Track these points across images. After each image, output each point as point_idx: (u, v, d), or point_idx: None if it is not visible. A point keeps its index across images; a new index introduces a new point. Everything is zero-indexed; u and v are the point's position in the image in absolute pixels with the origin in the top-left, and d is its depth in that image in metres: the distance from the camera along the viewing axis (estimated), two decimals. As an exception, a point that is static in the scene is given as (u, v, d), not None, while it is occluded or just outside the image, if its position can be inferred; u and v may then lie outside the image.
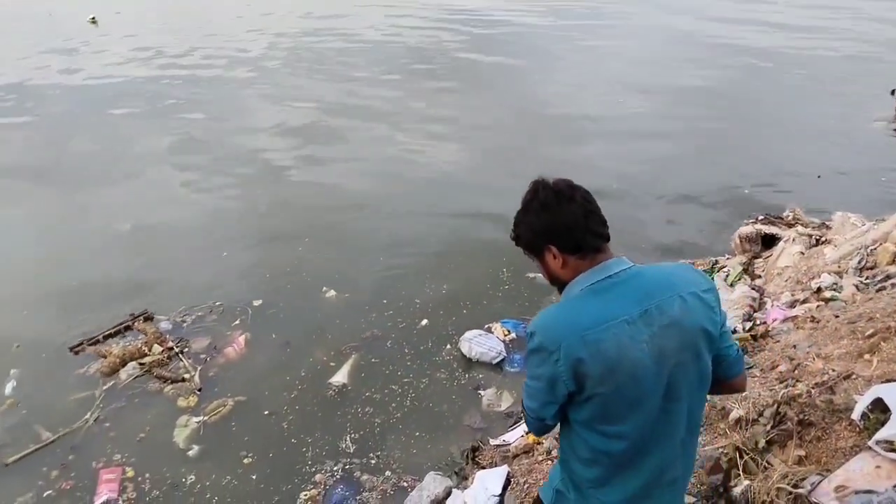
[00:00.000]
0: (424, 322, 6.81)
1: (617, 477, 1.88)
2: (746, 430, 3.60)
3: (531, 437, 4.65)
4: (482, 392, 5.85)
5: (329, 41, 20.40)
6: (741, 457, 3.43)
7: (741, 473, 3.37)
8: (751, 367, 4.40)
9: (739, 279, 6.28)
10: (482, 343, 6.28)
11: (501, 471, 4.01)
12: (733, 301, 5.80)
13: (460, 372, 6.13)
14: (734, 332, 5.24)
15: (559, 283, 1.94)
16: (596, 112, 13.51)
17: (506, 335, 6.55)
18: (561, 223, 1.86)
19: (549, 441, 4.30)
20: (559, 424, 1.96)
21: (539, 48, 19.71)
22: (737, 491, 3.28)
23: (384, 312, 6.97)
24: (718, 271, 6.71)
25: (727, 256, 7.19)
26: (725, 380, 1.95)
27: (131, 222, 8.96)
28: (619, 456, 1.84)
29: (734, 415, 3.77)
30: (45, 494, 4.89)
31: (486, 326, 6.61)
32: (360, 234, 8.65)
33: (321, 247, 8.29)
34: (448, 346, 6.44)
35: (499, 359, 6.21)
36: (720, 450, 3.55)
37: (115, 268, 7.85)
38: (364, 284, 7.47)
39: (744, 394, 3.90)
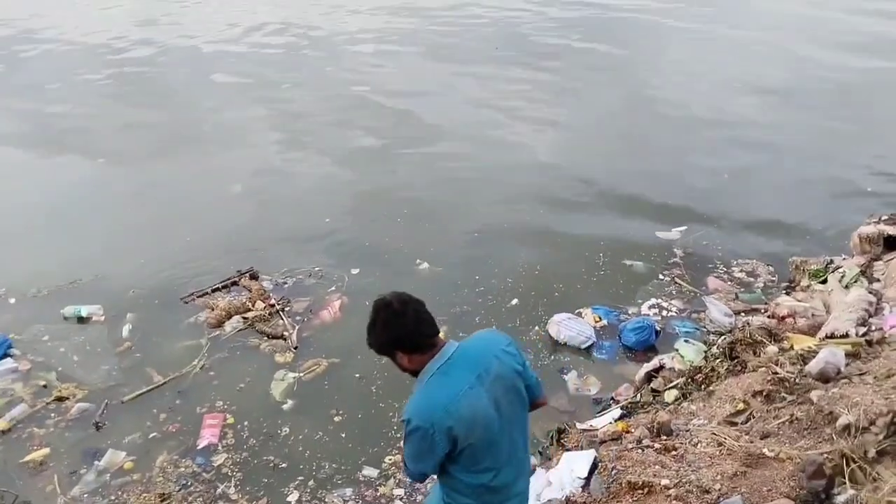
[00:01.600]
0: (514, 301, 6.81)
1: (490, 497, 2.49)
2: (855, 437, 3.41)
3: (621, 425, 4.59)
4: (566, 375, 5.81)
5: (427, 24, 20.35)
6: (848, 465, 3.26)
7: (846, 482, 3.21)
8: (863, 374, 4.16)
9: (856, 281, 5.90)
10: (572, 327, 6.21)
11: (589, 454, 3.98)
12: (847, 304, 5.47)
13: (545, 353, 6.11)
14: (846, 335, 4.97)
15: (411, 373, 2.50)
16: (706, 103, 12.93)
17: (597, 321, 6.45)
18: (401, 334, 2.40)
19: (639, 430, 4.23)
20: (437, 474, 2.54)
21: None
22: (840, 499, 3.13)
23: (475, 289, 7.01)
24: (832, 272, 6.33)
25: (844, 257, 6.77)
26: (535, 400, 2.64)
27: (242, 185, 9.37)
28: (489, 483, 2.45)
29: (842, 421, 3.58)
30: (150, 436, 5.24)
31: (577, 311, 6.53)
32: (458, 210, 8.71)
33: (419, 221, 8.41)
34: (536, 328, 6.41)
35: (587, 344, 6.13)
36: (824, 455, 3.38)
37: (225, 227, 8.27)
38: (458, 260, 7.54)
39: (854, 400, 3.70)
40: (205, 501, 4.64)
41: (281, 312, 6.51)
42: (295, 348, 6.10)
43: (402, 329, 2.39)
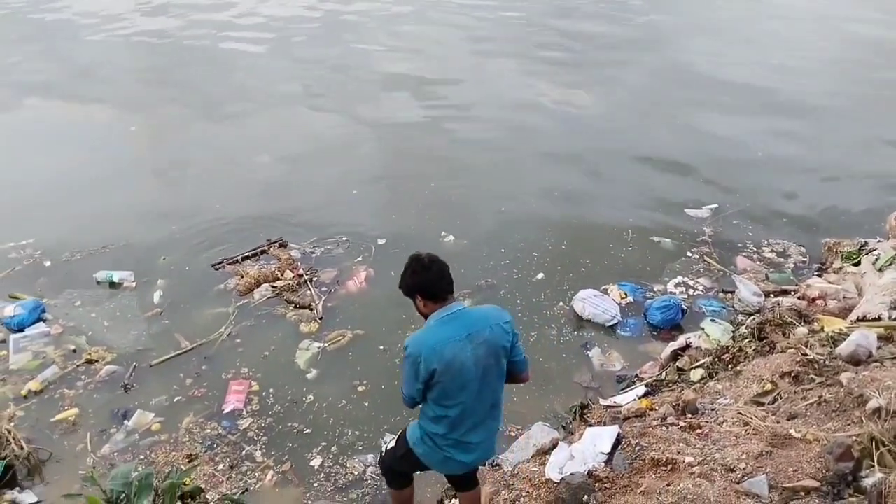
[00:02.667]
0: (540, 276, 6.78)
1: (452, 429, 3.09)
2: (885, 421, 3.36)
3: (644, 402, 4.57)
4: (590, 352, 5.79)
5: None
6: (877, 448, 3.20)
7: (875, 465, 3.16)
8: (895, 358, 4.08)
9: (890, 265, 5.77)
10: (597, 304, 6.18)
11: (612, 430, 3.96)
12: (881, 286, 5.35)
13: (569, 329, 6.09)
14: (879, 319, 4.88)
15: (424, 316, 3.10)
16: (742, 76, 12.65)
17: (622, 298, 6.40)
18: (424, 282, 3.01)
19: (664, 408, 4.21)
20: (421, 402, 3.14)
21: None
22: (868, 482, 3.08)
23: (500, 262, 6.99)
24: (866, 254, 6.20)
25: (878, 239, 6.63)
26: (517, 374, 3.23)
27: (270, 155, 9.41)
28: (453, 418, 3.05)
29: (873, 404, 3.52)
30: (175, 399, 5.33)
31: (603, 288, 6.49)
32: (485, 182, 8.67)
33: (447, 193, 8.39)
34: (560, 303, 6.39)
35: (612, 322, 6.10)
36: (853, 438, 3.33)
37: (255, 196, 8.31)
38: (483, 232, 7.52)
39: (886, 383, 3.64)
40: (231, 462, 4.73)
41: (309, 283, 6.56)
42: (320, 318, 6.14)
43: (425, 279, 3.00)
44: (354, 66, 13.50)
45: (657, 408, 4.38)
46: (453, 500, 4.13)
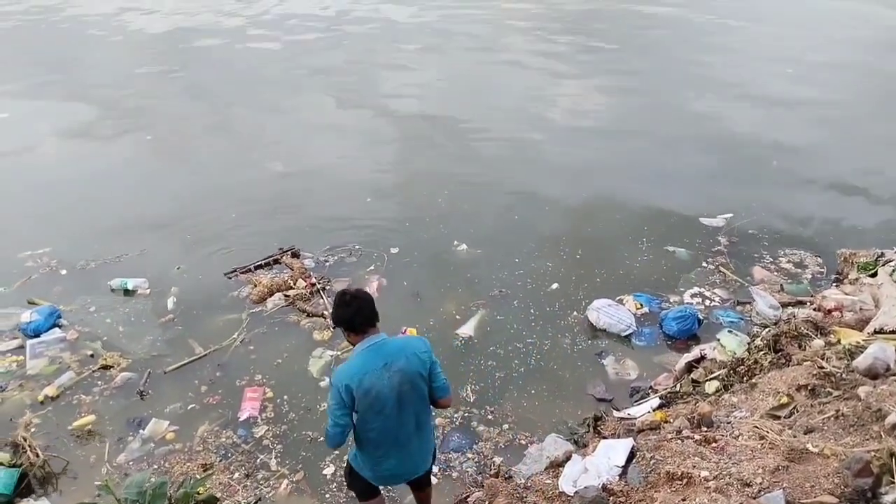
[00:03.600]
0: (555, 286, 6.76)
1: (376, 448, 3.39)
2: (905, 436, 3.31)
3: (659, 414, 4.54)
4: (604, 361, 5.77)
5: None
6: (896, 464, 3.16)
7: (894, 481, 3.12)
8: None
9: (908, 276, 5.70)
10: (611, 314, 6.15)
11: (627, 443, 3.94)
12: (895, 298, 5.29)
13: (583, 338, 6.07)
14: (894, 332, 4.82)
15: (351, 344, 3.34)
16: (760, 82, 12.58)
17: (637, 308, 6.37)
18: (344, 316, 3.26)
19: (679, 420, 4.18)
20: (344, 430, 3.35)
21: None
22: (888, 499, 3.04)
23: (514, 272, 6.99)
24: (883, 265, 6.13)
25: (895, 250, 6.55)
26: (438, 399, 3.45)
27: (283, 163, 9.46)
28: (374, 439, 3.35)
29: (891, 419, 3.48)
30: (189, 407, 5.36)
31: (618, 298, 6.46)
32: (499, 193, 8.66)
33: (460, 201, 8.40)
34: (575, 313, 6.37)
35: (628, 332, 6.07)
36: (872, 453, 3.29)
37: (269, 204, 8.38)
38: (497, 241, 7.52)
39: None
40: (247, 471, 4.75)
41: (321, 291, 6.58)
42: (333, 327, 6.14)
43: (345, 314, 3.25)
44: (367, 73, 13.55)
45: (672, 420, 4.35)
46: None
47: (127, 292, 6.67)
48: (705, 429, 4.02)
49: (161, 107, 11.84)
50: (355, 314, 3.23)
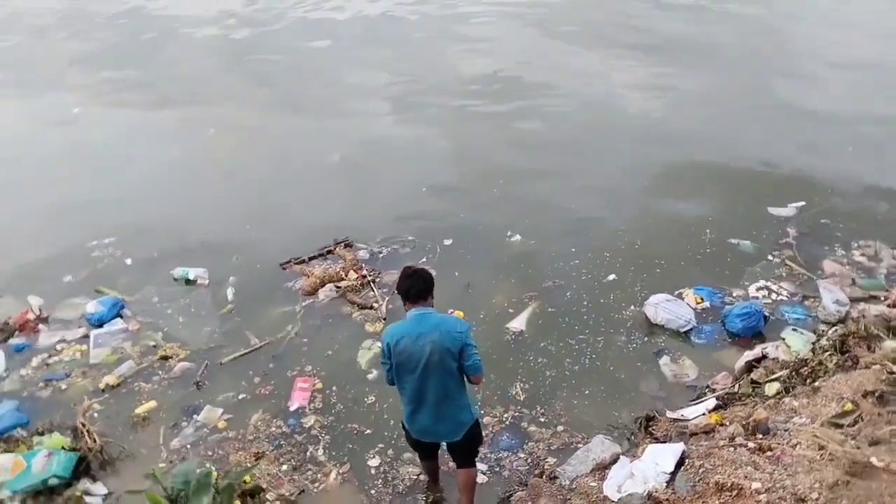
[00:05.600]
0: (612, 277, 6.58)
1: (409, 403, 3.93)
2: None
3: (714, 416, 4.35)
4: (662, 359, 5.57)
5: None
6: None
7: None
8: None
9: None
10: (670, 309, 5.93)
11: (676, 448, 3.78)
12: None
13: (639, 334, 5.89)
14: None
15: (406, 311, 3.91)
16: (833, 65, 11.83)
17: (698, 303, 6.13)
18: (401, 288, 3.87)
19: (733, 426, 3.98)
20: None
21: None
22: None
23: (570, 262, 6.82)
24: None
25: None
26: (469, 376, 3.87)
27: (341, 154, 9.48)
28: (407, 396, 3.91)
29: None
30: (241, 396, 5.49)
31: (677, 292, 6.23)
32: (555, 182, 8.40)
33: (516, 191, 8.20)
34: (632, 307, 6.18)
35: (687, 327, 5.84)
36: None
37: (325, 195, 8.37)
38: (553, 232, 7.34)
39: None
40: (295, 463, 4.84)
41: (372, 283, 6.60)
42: (384, 319, 6.17)
43: (401, 286, 3.86)
44: (424, 63, 13.42)
45: (727, 423, 4.17)
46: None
47: (188, 282, 6.84)
48: (760, 436, 3.82)
49: (223, 100, 11.96)
50: (411, 286, 3.81)
